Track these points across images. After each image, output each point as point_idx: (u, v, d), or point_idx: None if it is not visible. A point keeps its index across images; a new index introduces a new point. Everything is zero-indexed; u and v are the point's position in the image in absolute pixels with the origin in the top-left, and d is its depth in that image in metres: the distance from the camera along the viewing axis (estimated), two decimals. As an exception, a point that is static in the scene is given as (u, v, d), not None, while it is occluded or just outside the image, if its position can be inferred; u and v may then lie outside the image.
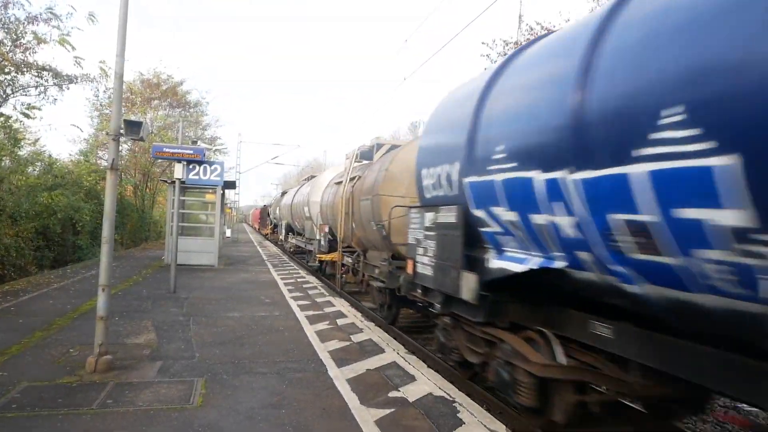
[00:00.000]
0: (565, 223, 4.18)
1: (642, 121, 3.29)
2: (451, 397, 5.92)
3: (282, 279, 16.49)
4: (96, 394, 5.57)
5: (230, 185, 24.39)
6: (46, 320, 9.02)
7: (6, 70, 16.30)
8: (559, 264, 4.49)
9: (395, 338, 9.30)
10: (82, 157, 27.58)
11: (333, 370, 6.79)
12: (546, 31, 18.88)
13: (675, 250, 3.24)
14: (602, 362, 5.02)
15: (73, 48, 15.70)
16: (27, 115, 16.74)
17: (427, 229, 6.68)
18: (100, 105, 31.08)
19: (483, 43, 22.48)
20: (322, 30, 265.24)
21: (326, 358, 7.35)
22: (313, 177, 24.35)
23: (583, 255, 4.18)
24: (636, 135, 3.34)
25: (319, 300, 12.53)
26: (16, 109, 16.75)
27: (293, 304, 11.70)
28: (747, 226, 2.72)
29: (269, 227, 45.66)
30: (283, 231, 31.98)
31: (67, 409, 5.12)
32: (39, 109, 17.41)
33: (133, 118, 15.30)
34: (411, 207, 7.72)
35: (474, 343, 6.59)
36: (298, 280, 16.53)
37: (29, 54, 16.65)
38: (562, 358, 5.24)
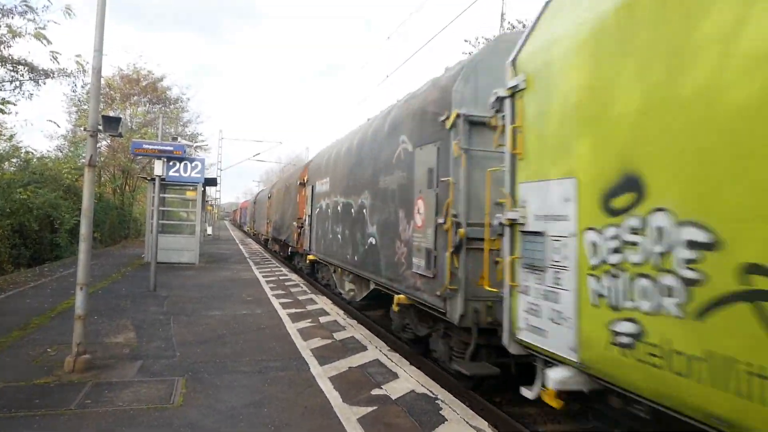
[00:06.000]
0: None
1: None
2: (433, 394, 5.93)
3: (264, 277, 16.41)
4: (74, 394, 5.48)
5: (211, 182, 24.18)
6: (23, 319, 8.86)
7: (-20, 64, 16.00)
8: None
9: (378, 336, 9.30)
10: (70, 153, 27.08)
11: (315, 368, 6.76)
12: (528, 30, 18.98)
13: None
14: None
15: (49, 42, 15.42)
16: (1, 110, 16.42)
17: None
18: (78, 101, 30.66)
19: (466, 40, 22.54)
20: (305, 24, 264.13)
21: (308, 356, 7.33)
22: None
23: None
24: None
25: (301, 298, 12.49)
26: (-10, 103, 16.45)
27: (275, 302, 11.64)
28: None
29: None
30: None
31: (44, 409, 5.03)
32: (14, 104, 17.10)
33: (111, 114, 15.07)
34: None
35: None
36: (280, 277, 16.45)
37: (4, 48, 16.36)
38: None
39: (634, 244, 3.62)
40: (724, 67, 3.06)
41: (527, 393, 4.84)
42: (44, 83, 18.64)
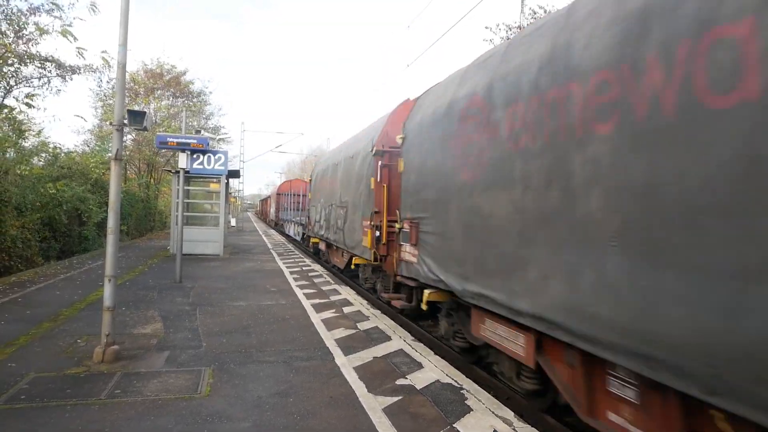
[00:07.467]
0: None
1: None
2: (458, 383, 5.91)
3: (287, 267, 16.51)
4: (104, 384, 5.58)
5: (234, 174, 24.33)
6: (53, 311, 9.05)
7: (9, 61, 16.27)
8: None
9: (402, 326, 9.30)
10: (97, 147, 27.48)
11: (340, 358, 6.79)
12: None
13: None
14: None
15: (75, 39, 15.61)
16: (29, 105, 16.72)
17: None
18: (104, 95, 31.09)
19: (486, 27, 22.28)
20: (325, 16, 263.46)
21: (333, 346, 7.36)
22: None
23: None
24: None
25: (324, 288, 12.54)
26: (18, 100, 16.75)
27: (299, 293, 11.71)
28: None
29: None
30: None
31: (75, 399, 5.13)
32: (38, 95, 17.41)
33: (136, 108, 15.25)
34: None
35: None
36: (304, 268, 16.54)
37: (32, 45, 16.62)
38: None
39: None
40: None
41: None
42: (71, 79, 18.94)
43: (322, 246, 18.60)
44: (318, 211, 18.25)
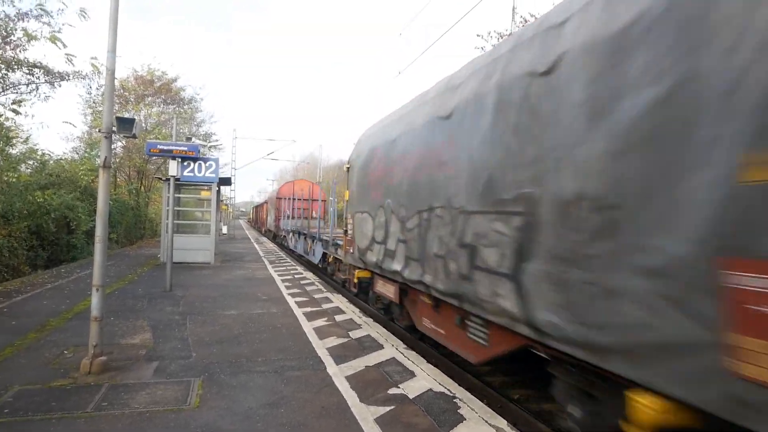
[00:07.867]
0: None
1: None
2: (451, 392, 5.85)
3: (279, 275, 16.40)
4: (91, 396, 5.47)
5: (226, 182, 24.21)
6: (39, 321, 8.90)
7: (-4, 67, 16.13)
8: None
9: (394, 334, 9.22)
10: (86, 155, 27.25)
11: (332, 368, 6.71)
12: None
13: None
14: None
15: (64, 45, 15.48)
16: (16, 111, 16.55)
17: None
18: (93, 102, 30.89)
19: (478, 35, 22.38)
20: (318, 22, 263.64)
21: (325, 356, 7.28)
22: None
23: None
24: None
25: (316, 296, 12.45)
26: (5, 107, 16.57)
27: (291, 301, 11.61)
28: None
29: None
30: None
31: (61, 412, 5.02)
32: (25, 101, 17.23)
33: (126, 115, 15.15)
34: None
35: None
36: (296, 276, 16.44)
37: (20, 51, 16.48)
38: None
39: None
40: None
41: None
42: (60, 85, 18.79)
43: (386, 290, 9.58)
44: (379, 224, 9.25)
